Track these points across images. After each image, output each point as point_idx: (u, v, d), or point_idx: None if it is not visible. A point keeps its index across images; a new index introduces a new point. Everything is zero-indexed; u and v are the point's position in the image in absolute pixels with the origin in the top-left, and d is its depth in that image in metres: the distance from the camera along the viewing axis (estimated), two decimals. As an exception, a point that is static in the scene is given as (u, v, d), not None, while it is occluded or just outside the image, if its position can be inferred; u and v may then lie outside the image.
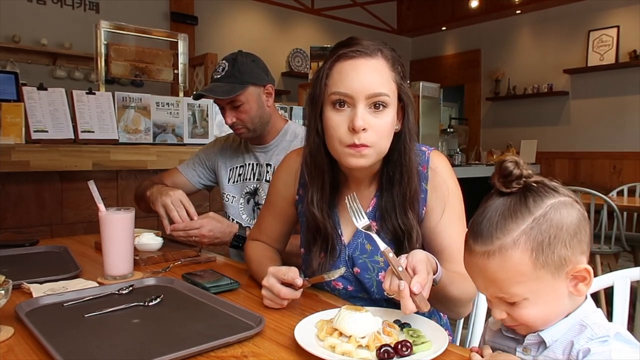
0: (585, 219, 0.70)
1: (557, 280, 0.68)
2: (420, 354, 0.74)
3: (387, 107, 0.95)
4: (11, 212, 2.03)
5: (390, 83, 0.96)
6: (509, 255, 0.67)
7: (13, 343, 0.79)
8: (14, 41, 4.29)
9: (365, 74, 0.94)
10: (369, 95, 0.93)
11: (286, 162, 1.21)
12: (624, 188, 3.99)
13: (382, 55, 0.96)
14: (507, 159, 0.70)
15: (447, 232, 1.03)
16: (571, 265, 0.68)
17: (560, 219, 0.67)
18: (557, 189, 0.70)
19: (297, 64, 6.22)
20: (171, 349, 0.72)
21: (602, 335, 0.66)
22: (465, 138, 6.35)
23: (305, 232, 1.13)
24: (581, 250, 0.69)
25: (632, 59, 5.12)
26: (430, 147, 1.10)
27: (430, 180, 1.05)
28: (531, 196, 0.69)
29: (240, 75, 1.50)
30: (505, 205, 0.69)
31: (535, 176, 0.70)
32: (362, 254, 1.05)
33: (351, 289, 1.08)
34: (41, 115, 2.11)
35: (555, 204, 0.68)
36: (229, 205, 1.67)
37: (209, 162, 1.74)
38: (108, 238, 1.15)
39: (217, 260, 1.40)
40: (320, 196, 1.05)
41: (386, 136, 0.96)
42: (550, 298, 0.69)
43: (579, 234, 0.68)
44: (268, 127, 1.59)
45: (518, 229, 0.67)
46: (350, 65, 0.94)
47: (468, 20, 6.50)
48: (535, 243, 0.66)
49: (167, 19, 5.16)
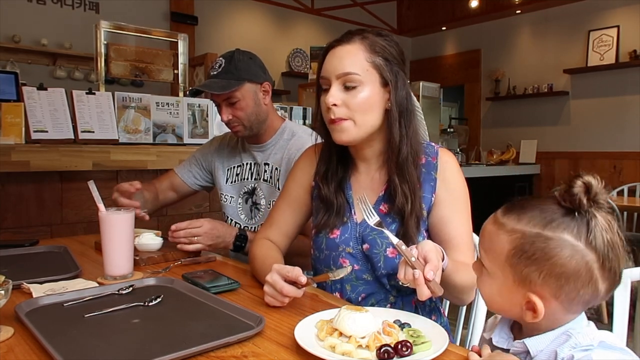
0: (591, 285, 0.66)
1: (515, 287, 0.70)
2: (420, 354, 0.74)
3: (360, 85, 1.04)
4: (11, 212, 2.03)
5: (363, 63, 1.05)
6: (500, 233, 0.71)
7: (13, 343, 0.79)
8: (14, 41, 4.29)
9: (338, 58, 1.06)
10: (338, 75, 1.05)
11: (306, 153, 1.29)
12: (624, 188, 3.99)
13: (360, 41, 1.06)
14: (584, 179, 0.67)
15: (454, 222, 1.11)
16: (531, 291, 0.68)
17: (555, 255, 0.66)
18: (591, 242, 0.65)
19: (297, 64, 6.22)
20: (171, 349, 0.72)
21: (586, 345, 0.66)
22: (465, 138, 6.34)
23: (317, 214, 1.19)
24: (554, 294, 0.67)
25: (632, 58, 5.11)
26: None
27: (439, 171, 1.13)
28: (563, 219, 0.67)
29: (236, 72, 1.49)
30: (546, 205, 0.69)
31: (600, 212, 0.66)
32: (372, 231, 1.10)
33: (357, 267, 1.12)
34: (41, 115, 2.11)
35: (567, 244, 0.66)
36: (227, 206, 1.67)
37: (205, 163, 1.73)
38: (108, 238, 1.15)
39: (217, 260, 1.40)
40: (328, 170, 1.16)
41: (362, 111, 1.05)
42: (505, 294, 0.71)
43: (565, 283, 0.66)
44: (265, 126, 1.58)
45: (523, 226, 0.68)
46: (331, 53, 1.08)
47: (468, 20, 6.49)
48: (520, 247, 0.68)
49: (167, 19, 5.16)
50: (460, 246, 1.09)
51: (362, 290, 1.13)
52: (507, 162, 5.76)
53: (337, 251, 1.14)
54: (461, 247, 1.09)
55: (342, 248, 1.13)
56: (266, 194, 1.59)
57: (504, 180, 5.44)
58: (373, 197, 1.15)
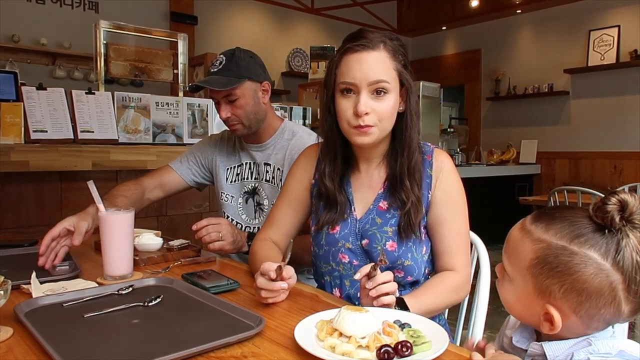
0: (613, 306, 0.64)
1: (535, 297, 0.69)
2: (420, 354, 0.73)
3: (387, 92, 1.07)
4: (11, 212, 2.02)
5: (391, 71, 1.07)
6: (526, 241, 0.70)
7: (12, 343, 0.79)
8: (13, 41, 4.29)
9: (368, 65, 1.06)
10: (370, 83, 1.06)
11: (306, 152, 1.30)
12: (624, 188, 3.98)
13: (384, 47, 1.07)
14: (619, 197, 0.65)
15: (447, 223, 1.13)
16: (551, 303, 0.67)
17: (579, 270, 0.64)
18: (619, 262, 0.63)
19: (297, 63, 6.22)
20: (171, 349, 0.72)
21: (604, 352, 0.65)
22: (466, 138, 6.34)
23: (317, 212, 1.21)
24: (573, 309, 0.66)
25: (633, 58, 5.11)
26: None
27: (435, 170, 1.15)
28: (593, 235, 0.65)
29: (237, 69, 1.48)
30: (577, 219, 0.67)
31: (635, 232, 0.64)
32: (372, 226, 1.13)
33: (356, 263, 1.14)
34: (40, 115, 2.10)
35: (592, 261, 0.64)
36: (228, 205, 1.66)
37: (205, 161, 1.72)
38: (108, 238, 1.15)
39: (217, 260, 1.40)
40: (332, 169, 1.17)
41: (388, 117, 1.08)
42: (524, 302, 0.71)
43: (586, 300, 0.64)
44: (263, 125, 1.58)
45: (550, 236, 0.67)
46: (355, 58, 1.07)
47: (468, 20, 6.50)
48: (544, 257, 0.67)
49: (167, 18, 5.16)
50: (453, 249, 1.13)
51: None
52: (507, 162, 5.76)
53: (336, 246, 1.15)
54: (453, 249, 1.13)
55: (342, 243, 1.15)
56: (269, 195, 1.59)
57: (504, 180, 5.45)
58: (372, 194, 1.17)
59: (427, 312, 1.00)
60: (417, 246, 1.12)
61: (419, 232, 1.11)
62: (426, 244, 1.15)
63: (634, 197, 0.64)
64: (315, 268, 1.24)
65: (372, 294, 0.90)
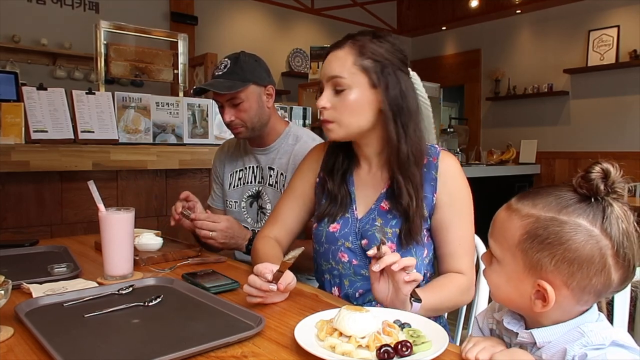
0: (604, 273, 0.65)
1: (525, 275, 0.69)
2: (420, 354, 0.73)
3: (346, 88, 1.08)
4: (11, 212, 2.02)
5: (350, 67, 1.08)
6: (514, 218, 0.70)
7: (13, 343, 0.79)
8: (13, 41, 4.28)
9: (329, 63, 1.11)
10: (327, 79, 1.10)
11: (313, 150, 1.33)
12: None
13: (349, 45, 1.10)
14: (602, 165, 0.67)
15: (453, 227, 1.12)
16: (542, 278, 0.67)
17: (569, 239, 0.65)
18: (606, 228, 0.65)
19: (297, 63, 6.22)
20: (171, 349, 0.72)
21: (598, 344, 0.65)
22: (466, 138, 6.34)
23: (319, 206, 1.22)
24: (565, 281, 0.66)
25: (633, 58, 5.11)
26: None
27: (440, 172, 1.13)
28: (579, 205, 0.66)
29: (242, 73, 1.49)
30: (562, 192, 0.69)
31: (617, 202, 0.66)
32: (372, 227, 1.13)
33: (355, 262, 1.14)
34: (41, 115, 2.10)
35: (582, 228, 0.65)
36: (232, 211, 1.66)
37: (218, 180, 1.74)
38: (108, 238, 1.15)
39: (226, 261, 1.40)
40: (334, 163, 1.20)
41: (349, 113, 1.09)
42: (513, 282, 0.71)
43: (577, 270, 0.65)
44: (267, 129, 1.58)
45: (538, 210, 0.68)
46: (327, 57, 1.13)
47: (468, 20, 6.49)
48: (533, 231, 0.68)
49: (167, 19, 5.16)
50: (458, 253, 1.11)
51: (359, 285, 1.14)
52: (507, 162, 5.76)
53: (336, 245, 1.15)
54: (459, 253, 1.11)
55: (341, 242, 1.15)
56: (272, 199, 1.59)
57: (504, 180, 5.44)
58: (374, 194, 1.16)
59: (435, 309, 1.00)
60: (417, 249, 1.12)
61: (419, 237, 1.10)
62: (428, 246, 1.14)
63: (615, 167, 0.67)
64: (316, 266, 1.24)
65: (375, 268, 0.88)
